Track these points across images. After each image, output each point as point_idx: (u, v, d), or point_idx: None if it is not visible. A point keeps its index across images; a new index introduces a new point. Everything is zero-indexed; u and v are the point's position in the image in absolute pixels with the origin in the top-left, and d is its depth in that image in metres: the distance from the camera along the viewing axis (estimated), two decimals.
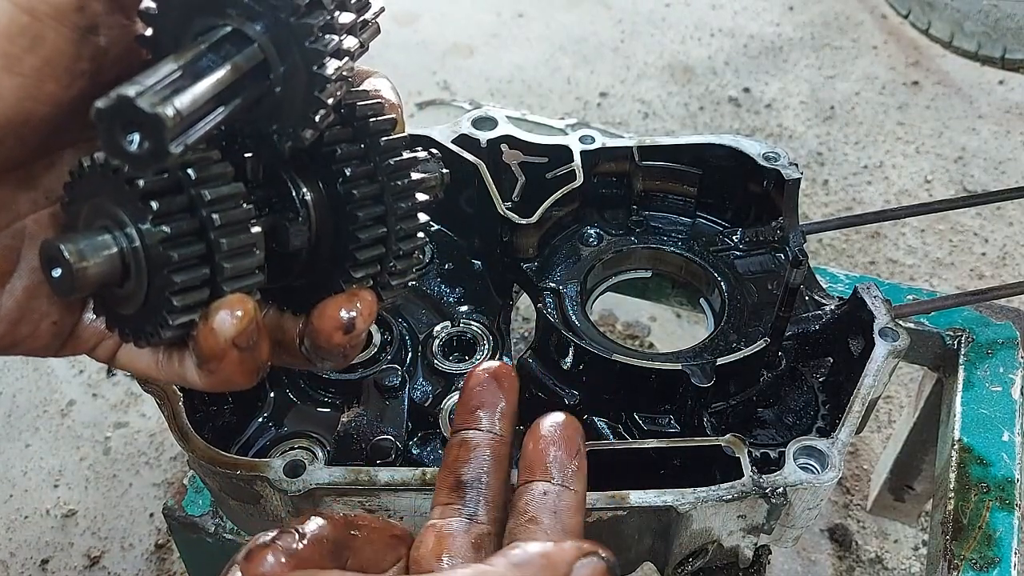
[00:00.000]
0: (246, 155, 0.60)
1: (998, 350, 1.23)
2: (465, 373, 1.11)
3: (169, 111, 0.47)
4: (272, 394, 1.08)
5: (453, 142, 1.17)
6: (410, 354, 1.12)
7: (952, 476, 1.11)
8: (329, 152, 0.61)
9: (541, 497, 0.62)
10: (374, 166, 0.62)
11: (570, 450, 0.66)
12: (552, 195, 1.15)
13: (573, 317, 1.09)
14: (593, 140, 1.19)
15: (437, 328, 1.15)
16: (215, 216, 0.55)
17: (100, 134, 0.48)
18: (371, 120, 0.62)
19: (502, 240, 1.16)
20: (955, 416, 1.17)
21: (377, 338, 1.10)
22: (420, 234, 0.65)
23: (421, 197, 0.65)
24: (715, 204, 1.23)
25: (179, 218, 0.54)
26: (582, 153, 1.17)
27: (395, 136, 0.63)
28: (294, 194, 0.62)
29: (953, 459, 1.13)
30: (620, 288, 1.25)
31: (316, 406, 1.07)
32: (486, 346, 1.14)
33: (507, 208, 1.13)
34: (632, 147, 1.20)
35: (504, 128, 1.19)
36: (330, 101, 0.55)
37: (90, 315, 0.64)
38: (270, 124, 0.56)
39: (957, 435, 1.15)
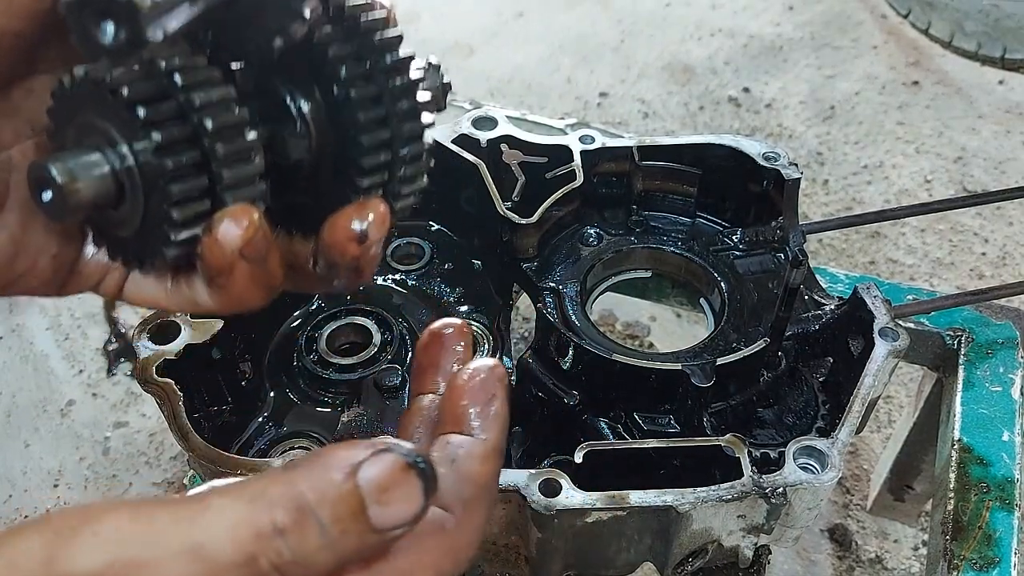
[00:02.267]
0: (234, 66, 0.57)
1: (998, 350, 1.23)
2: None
3: None
4: (272, 394, 1.08)
5: (453, 142, 1.17)
6: (410, 354, 1.12)
7: (952, 476, 1.11)
8: (321, 53, 0.57)
9: (443, 447, 0.57)
10: (371, 66, 0.58)
11: (483, 398, 0.60)
12: (552, 195, 1.15)
13: (573, 317, 1.09)
14: (593, 140, 1.19)
15: None
16: (208, 121, 0.52)
17: (72, 28, 0.45)
18: (363, 18, 0.59)
19: (502, 240, 1.16)
20: (955, 416, 1.17)
21: (377, 338, 1.10)
22: (426, 136, 0.62)
23: (423, 97, 0.61)
24: (715, 204, 1.23)
25: (170, 125, 0.51)
26: (582, 153, 1.17)
27: (390, 35, 0.60)
28: (289, 102, 0.58)
29: (953, 459, 1.13)
30: (620, 288, 1.24)
31: (316, 406, 1.07)
32: (486, 346, 1.14)
33: (507, 208, 1.13)
34: (632, 147, 1.20)
35: (504, 128, 1.19)
36: None
37: (91, 249, 0.62)
38: (256, 21, 0.53)
39: (957, 435, 1.15)
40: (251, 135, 0.54)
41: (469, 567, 0.57)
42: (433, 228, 1.28)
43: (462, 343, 0.65)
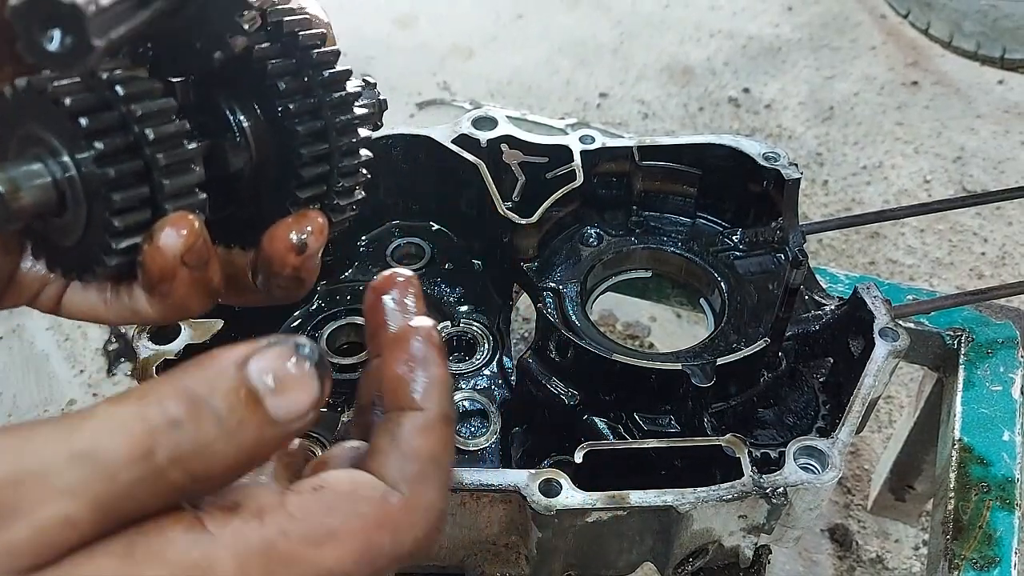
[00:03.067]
0: (175, 80, 0.58)
1: (998, 350, 1.23)
2: (465, 373, 1.11)
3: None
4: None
5: (453, 142, 1.18)
6: None
7: (952, 476, 1.11)
8: (260, 68, 0.59)
9: (386, 422, 0.55)
10: (309, 80, 0.60)
11: (417, 366, 0.56)
12: (552, 195, 1.15)
13: (573, 317, 1.09)
14: (593, 140, 1.19)
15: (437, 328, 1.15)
16: (148, 131, 0.53)
17: (19, 34, 0.46)
18: (300, 34, 0.60)
19: (502, 240, 1.16)
20: (955, 416, 1.17)
21: None
22: (363, 151, 0.63)
23: (360, 111, 0.63)
24: (715, 204, 1.23)
25: (112, 135, 0.52)
26: (582, 153, 1.17)
27: (327, 49, 0.62)
28: (228, 115, 0.60)
29: (953, 459, 1.13)
30: (620, 288, 1.25)
31: None
32: (486, 346, 1.14)
33: (507, 208, 1.13)
34: (632, 147, 1.20)
35: (504, 128, 1.19)
36: (255, 1, 0.54)
37: (30, 261, 0.62)
38: (197, 34, 0.55)
39: (957, 435, 1.15)
40: (191, 145, 0.55)
41: (430, 552, 0.55)
42: (433, 228, 1.28)
43: (411, 296, 0.61)
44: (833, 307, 1.07)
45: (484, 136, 1.18)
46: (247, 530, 0.46)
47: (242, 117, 0.60)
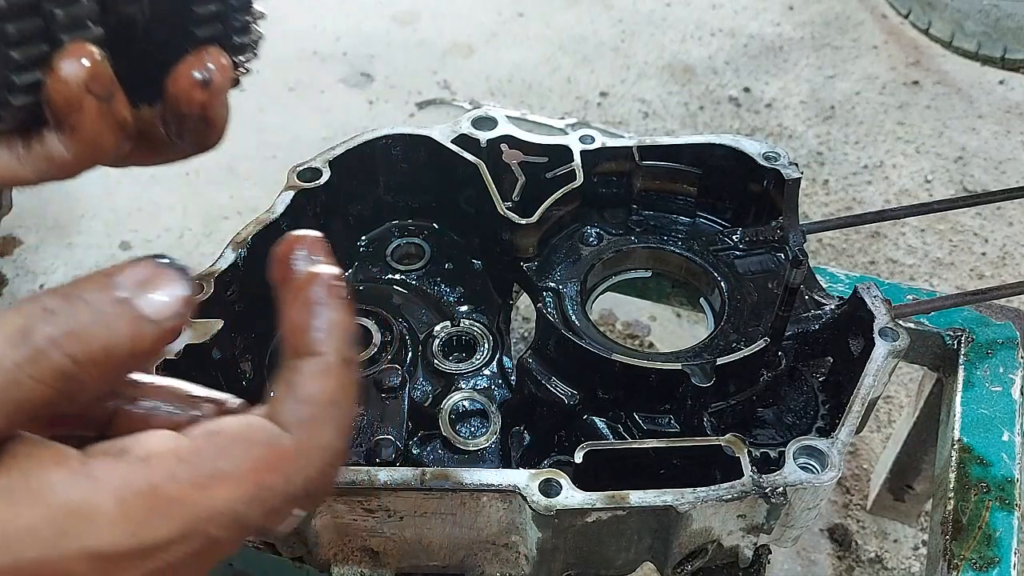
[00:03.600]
0: None
1: (998, 350, 1.23)
2: (465, 373, 1.11)
3: None
4: (272, 394, 1.08)
5: (453, 142, 1.17)
6: (410, 354, 1.12)
7: (952, 476, 1.11)
8: None
9: (284, 369, 0.57)
10: None
11: (312, 311, 0.57)
12: (552, 195, 1.15)
13: (573, 317, 1.09)
14: (593, 140, 1.19)
15: (437, 328, 1.15)
16: None
17: None
18: None
19: (502, 240, 1.16)
20: (955, 416, 1.17)
21: (377, 338, 1.10)
22: None
23: None
24: (715, 204, 1.23)
25: None
26: (582, 153, 1.17)
27: None
28: None
29: (953, 459, 1.13)
30: (620, 288, 1.25)
31: None
32: (486, 346, 1.14)
33: (507, 208, 1.13)
34: (632, 147, 1.20)
35: (504, 128, 1.19)
36: None
37: None
38: None
39: (957, 435, 1.15)
40: None
41: (328, 492, 0.56)
42: (433, 228, 1.28)
43: (315, 249, 0.60)
44: (833, 307, 1.07)
45: (484, 136, 1.18)
46: (132, 474, 0.47)
47: None
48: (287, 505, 0.52)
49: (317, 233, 0.60)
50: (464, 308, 1.19)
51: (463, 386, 1.09)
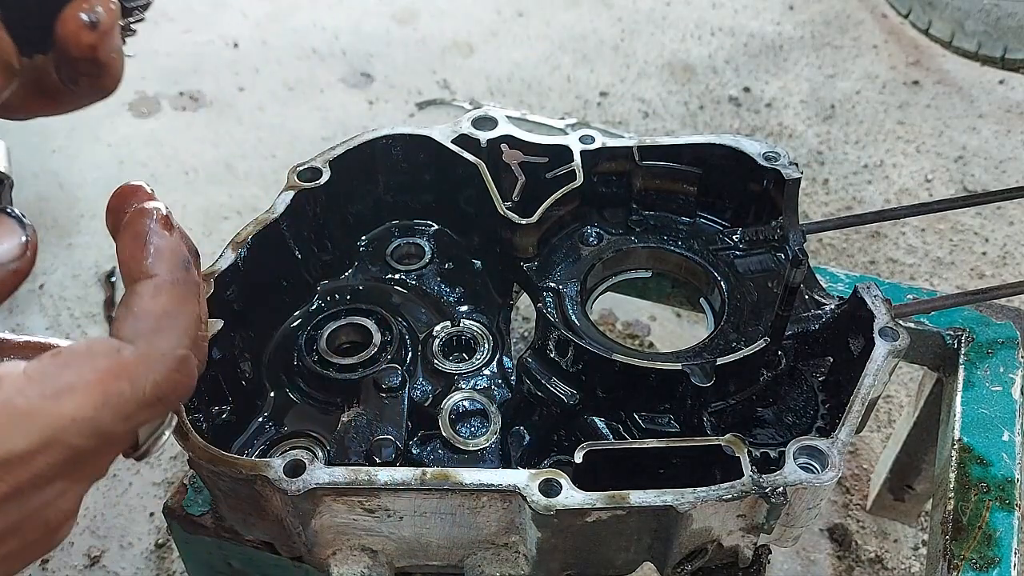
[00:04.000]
0: None
1: (998, 350, 1.23)
2: (465, 373, 1.11)
3: None
4: (272, 394, 1.08)
5: (453, 142, 1.17)
6: (410, 354, 1.12)
7: (952, 476, 1.11)
8: None
9: (122, 299, 0.62)
10: None
11: (140, 240, 0.63)
12: (552, 195, 1.15)
13: (573, 317, 1.09)
14: (593, 140, 1.19)
15: (437, 328, 1.15)
16: None
17: None
18: None
19: (502, 240, 1.16)
20: (955, 416, 1.17)
21: (377, 338, 1.10)
22: None
23: None
24: (715, 203, 1.23)
25: None
26: (582, 153, 1.17)
27: None
28: None
29: (953, 459, 1.13)
30: (620, 288, 1.24)
31: (316, 406, 1.07)
32: (486, 346, 1.14)
33: (507, 208, 1.13)
34: (632, 147, 1.20)
35: (504, 128, 1.19)
36: None
37: None
38: None
39: (957, 435, 1.15)
40: None
41: (182, 396, 0.62)
42: (433, 228, 1.28)
43: (141, 191, 0.67)
44: (833, 306, 1.07)
45: (484, 136, 1.18)
46: None
47: None
48: (140, 410, 0.57)
49: (140, 182, 0.67)
50: (464, 308, 1.19)
51: (463, 386, 1.09)
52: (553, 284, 1.13)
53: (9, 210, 0.57)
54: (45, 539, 0.58)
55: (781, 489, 0.86)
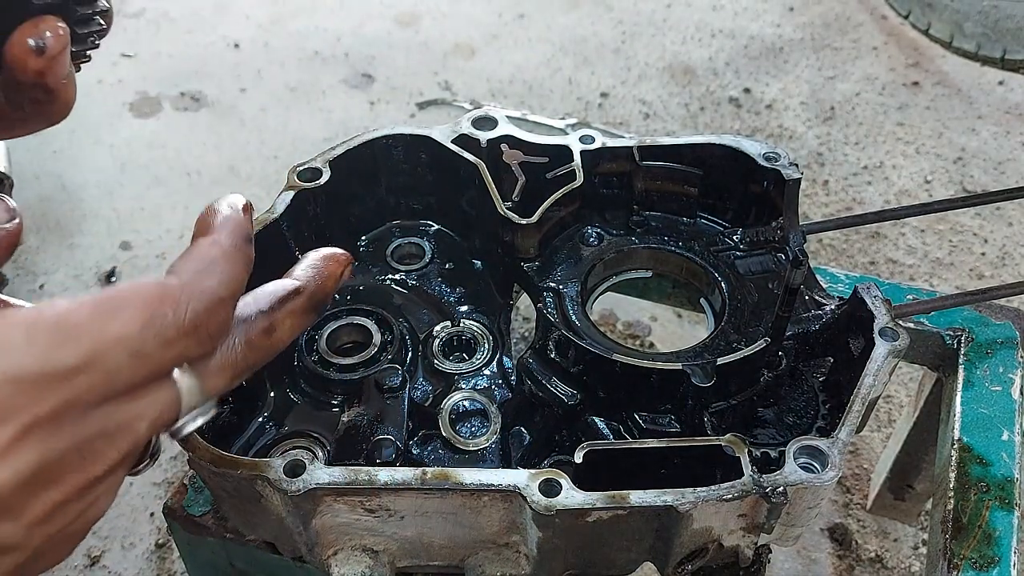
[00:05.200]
0: None
1: (998, 350, 1.23)
2: (465, 373, 1.11)
3: None
4: (272, 394, 1.08)
5: (453, 142, 1.18)
6: (410, 354, 1.12)
7: (952, 475, 1.11)
8: None
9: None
10: None
11: (214, 219, 0.68)
12: (552, 195, 1.15)
13: (573, 317, 1.09)
14: (593, 140, 1.19)
15: (437, 328, 1.15)
16: None
17: None
18: None
19: (502, 240, 1.16)
20: (955, 416, 1.17)
21: (377, 338, 1.11)
22: None
23: None
24: (716, 204, 1.23)
25: None
26: (582, 153, 1.17)
27: None
28: None
29: (953, 458, 1.13)
30: (620, 288, 1.25)
31: (316, 406, 1.07)
32: (486, 346, 1.14)
33: (507, 208, 1.13)
34: (633, 147, 1.20)
35: (504, 128, 1.19)
36: None
37: None
38: None
39: (957, 435, 1.15)
40: None
41: (216, 338, 0.65)
42: (433, 228, 1.28)
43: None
44: (833, 307, 1.07)
45: (484, 136, 1.18)
46: (38, 311, 0.55)
47: None
48: (179, 338, 0.59)
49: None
50: (464, 308, 1.19)
51: (463, 386, 1.09)
52: (553, 284, 1.13)
53: None
54: (89, 498, 0.63)
55: (781, 489, 0.86)
